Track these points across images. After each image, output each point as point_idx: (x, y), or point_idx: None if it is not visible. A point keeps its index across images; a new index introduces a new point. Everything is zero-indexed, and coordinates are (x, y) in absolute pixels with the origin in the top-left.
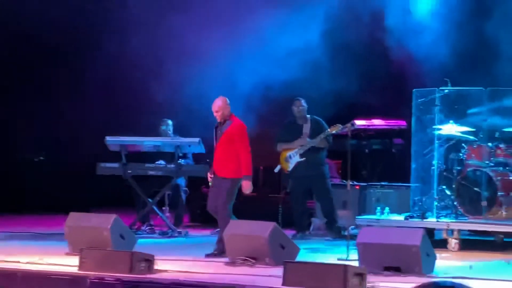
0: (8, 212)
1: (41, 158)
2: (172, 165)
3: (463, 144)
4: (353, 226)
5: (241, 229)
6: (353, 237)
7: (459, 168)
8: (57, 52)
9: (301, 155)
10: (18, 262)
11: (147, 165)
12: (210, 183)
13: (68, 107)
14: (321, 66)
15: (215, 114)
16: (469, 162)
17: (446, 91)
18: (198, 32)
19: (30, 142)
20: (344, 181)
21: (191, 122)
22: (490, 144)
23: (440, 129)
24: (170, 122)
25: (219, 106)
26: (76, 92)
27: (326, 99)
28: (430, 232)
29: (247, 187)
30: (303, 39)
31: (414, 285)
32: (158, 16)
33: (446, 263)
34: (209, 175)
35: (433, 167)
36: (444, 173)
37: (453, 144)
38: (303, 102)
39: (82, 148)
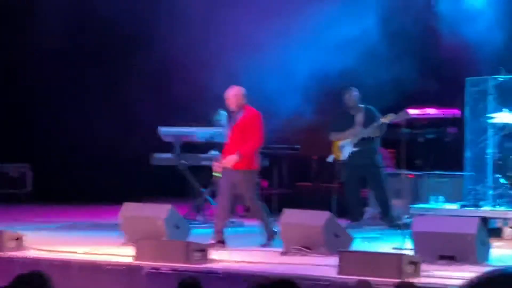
0: (64, 202)
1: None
2: None
3: None
4: (407, 215)
5: (296, 219)
6: (407, 226)
7: None
8: (110, 43)
9: (355, 145)
10: (75, 252)
11: (200, 155)
12: (215, 173)
13: (122, 98)
14: (376, 54)
15: (227, 101)
16: None
17: (500, 79)
18: (252, 23)
19: (84, 132)
20: (398, 170)
21: None
22: None
23: (494, 117)
24: (224, 112)
25: (230, 94)
26: (130, 83)
27: (381, 88)
28: (483, 221)
29: (229, 159)
30: (358, 28)
31: (469, 273)
32: (211, 7)
33: (500, 252)
34: (216, 164)
35: (487, 156)
36: (499, 162)
37: (509, 133)
38: (354, 91)
39: (135, 139)
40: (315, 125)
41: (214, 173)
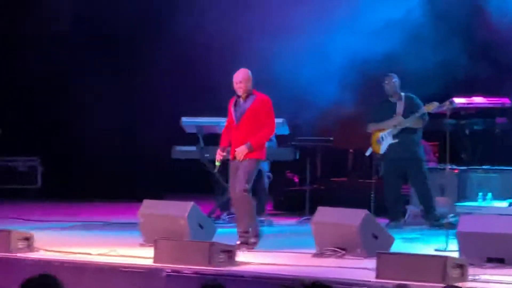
0: (77, 199)
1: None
2: None
3: None
4: (452, 214)
5: (330, 217)
6: (452, 225)
7: None
8: (129, 33)
9: (394, 136)
10: (89, 254)
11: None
12: (217, 163)
13: (140, 86)
14: (420, 37)
15: (236, 85)
16: None
17: None
18: (284, 3)
19: (99, 124)
20: (442, 164)
21: (274, 100)
22: None
23: None
24: None
25: (242, 77)
26: (149, 70)
27: (424, 74)
28: None
29: (240, 151)
30: (401, 8)
31: None
32: None
33: None
34: (219, 153)
35: None
36: None
37: None
38: (394, 77)
39: (155, 130)
40: (352, 115)
41: (216, 163)
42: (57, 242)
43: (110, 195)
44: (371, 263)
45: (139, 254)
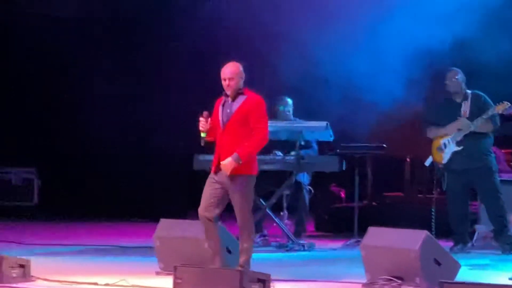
0: (80, 219)
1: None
2: (292, 157)
3: None
4: None
5: (383, 240)
6: None
7: None
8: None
9: (459, 143)
10: (95, 284)
11: (259, 157)
12: (202, 134)
13: (156, 84)
14: (498, 23)
15: (226, 83)
16: None
17: None
18: None
19: (106, 129)
20: None
21: (316, 101)
22: None
23: None
24: (289, 101)
25: (233, 72)
26: (167, 65)
27: (501, 67)
28: None
29: (227, 164)
30: None
31: None
32: None
33: None
34: (201, 121)
35: None
36: None
37: None
38: (459, 73)
39: (173, 137)
40: (409, 117)
41: (202, 134)
42: (57, 270)
43: (120, 213)
44: None
45: (155, 285)
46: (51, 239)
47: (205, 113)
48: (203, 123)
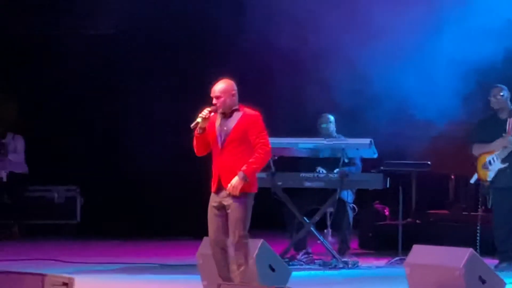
0: (122, 237)
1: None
2: (336, 175)
3: None
4: None
5: (428, 258)
6: None
7: None
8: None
9: (504, 160)
10: None
11: (302, 174)
12: (198, 119)
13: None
14: None
15: (215, 101)
16: None
17: None
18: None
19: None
20: None
21: (359, 117)
22: None
23: None
24: (331, 118)
25: (220, 90)
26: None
27: None
28: None
29: (235, 184)
30: None
31: None
32: None
33: None
34: (206, 111)
35: None
36: None
37: None
38: (504, 90)
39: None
40: (453, 134)
41: (199, 118)
42: None
43: (163, 231)
44: None
45: None
46: (93, 257)
47: (213, 107)
48: (206, 112)
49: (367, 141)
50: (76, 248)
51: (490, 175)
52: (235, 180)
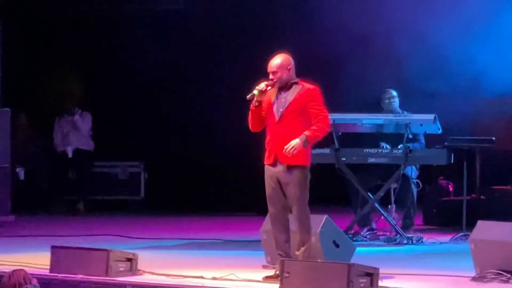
0: (185, 213)
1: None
2: (400, 150)
3: None
4: None
5: (492, 234)
6: None
7: None
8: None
9: None
10: (202, 277)
11: (366, 150)
12: (255, 91)
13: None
14: None
15: (271, 77)
16: None
17: None
18: None
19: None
20: None
21: (422, 93)
22: None
23: None
24: (395, 93)
25: (277, 65)
26: None
27: None
28: None
29: (294, 145)
30: None
31: None
32: None
33: None
34: (263, 84)
35: None
36: None
37: None
38: None
39: None
40: None
41: (256, 91)
42: (164, 264)
43: (227, 207)
44: None
45: (261, 278)
46: (157, 233)
47: (271, 80)
48: (263, 85)
49: (431, 116)
50: (140, 224)
51: None
52: (296, 142)
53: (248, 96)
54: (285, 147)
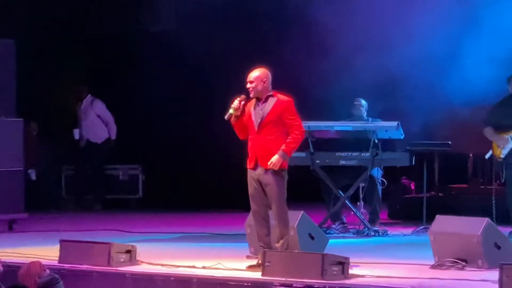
0: (179, 209)
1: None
2: (368, 154)
3: None
4: None
5: (449, 227)
6: None
7: None
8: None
9: None
10: (194, 267)
11: (337, 153)
12: (231, 110)
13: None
14: None
15: (248, 86)
16: None
17: None
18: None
19: (203, 130)
20: None
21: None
22: None
23: None
24: (363, 102)
25: (254, 76)
26: None
27: None
28: None
29: (275, 162)
30: None
31: None
32: None
33: None
34: (236, 101)
35: None
36: None
37: None
38: None
39: None
40: (472, 115)
41: (231, 109)
42: (160, 255)
43: (215, 205)
44: (493, 275)
45: (245, 267)
46: (153, 228)
47: (243, 96)
48: (236, 103)
49: (394, 123)
50: (138, 220)
51: (503, 152)
52: (275, 158)
53: (226, 117)
54: (268, 163)
